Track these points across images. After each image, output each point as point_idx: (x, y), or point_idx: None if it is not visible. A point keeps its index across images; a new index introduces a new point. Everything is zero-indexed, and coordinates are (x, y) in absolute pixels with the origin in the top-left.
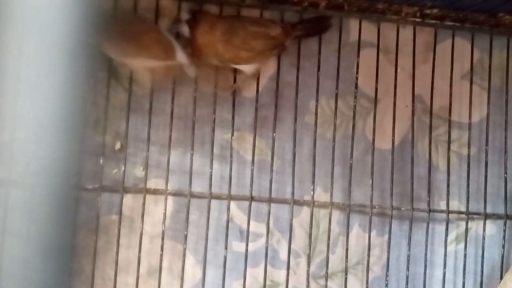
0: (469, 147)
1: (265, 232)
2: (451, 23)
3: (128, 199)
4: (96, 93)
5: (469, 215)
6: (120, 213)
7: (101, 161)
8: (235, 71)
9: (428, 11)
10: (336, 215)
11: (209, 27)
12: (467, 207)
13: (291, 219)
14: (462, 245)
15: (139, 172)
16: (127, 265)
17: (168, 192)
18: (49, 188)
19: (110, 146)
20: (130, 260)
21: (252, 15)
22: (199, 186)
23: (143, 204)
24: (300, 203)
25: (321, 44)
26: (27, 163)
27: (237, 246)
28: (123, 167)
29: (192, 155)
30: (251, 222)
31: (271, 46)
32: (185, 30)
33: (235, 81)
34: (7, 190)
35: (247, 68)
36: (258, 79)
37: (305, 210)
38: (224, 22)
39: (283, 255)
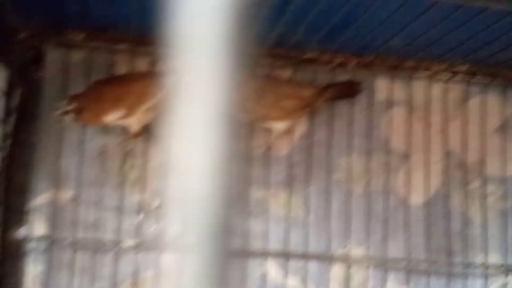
0: (506, 200)
1: (299, 286)
2: (482, 79)
3: (165, 256)
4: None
5: (508, 269)
6: (158, 269)
7: (140, 218)
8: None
9: (458, 68)
10: (371, 269)
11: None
12: (505, 260)
13: (328, 273)
14: None
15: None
16: None
17: None
18: (208, 251)
19: (148, 203)
20: None
21: (284, 75)
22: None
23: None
24: (334, 258)
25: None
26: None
27: None
28: (161, 224)
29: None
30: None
31: (302, 106)
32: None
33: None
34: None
35: (277, 126)
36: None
37: (338, 264)
38: (256, 81)
39: None
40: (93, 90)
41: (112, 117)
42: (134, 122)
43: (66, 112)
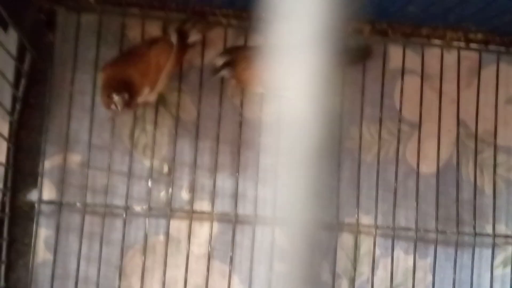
0: None
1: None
2: (496, 48)
3: (175, 221)
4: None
5: None
6: (167, 234)
7: (150, 184)
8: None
9: (472, 36)
10: (378, 238)
11: (246, 63)
12: None
13: (336, 242)
14: (508, 269)
15: (185, 194)
16: (174, 284)
17: (214, 214)
18: (302, 226)
19: (158, 169)
20: (177, 279)
21: None
22: (243, 209)
23: (190, 226)
24: (343, 226)
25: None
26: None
27: (281, 267)
28: (170, 190)
29: (237, 178)
30: None
31: None
32: (225, 74)
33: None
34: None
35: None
36: None
37: (347, 233)
38: (259, 53)
39: (325, 276)
40: (121, 74)
41: (142, 99)
42: (153, 94)
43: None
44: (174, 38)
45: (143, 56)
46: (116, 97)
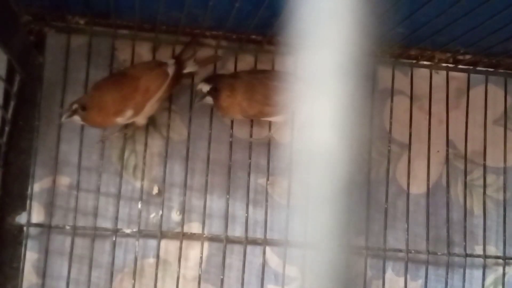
0: (504, 192)
1: (298, 275)
2: (484, 69)
3: (165, 243)
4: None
5: (506, 260)
6: (157, 256)
7: (140, 205)
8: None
9: (460, 57)
10: (369, 259)
11: (229, 91)
12: (504, 251)
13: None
14: None
15: (176, 216)
16: None
17: (204, 236)
18: (335, 250)
19: (148, 191)
20: None
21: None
22: (234, 230)
23: (180, 248)
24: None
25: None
26: (315, 227)
27: None
28: (160, 212)
29: (228, 199)
30: (285, 266)
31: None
32: (208, 100)
33: (269, 129)
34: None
35: (275, 120)
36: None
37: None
38: (243, 82)
39: None
40: (98, 93)
41: (122, 119)
42: (141, 118)
43: (73, 113)
44: (171, 69)
45: (133, 80)
46: (74, 105)
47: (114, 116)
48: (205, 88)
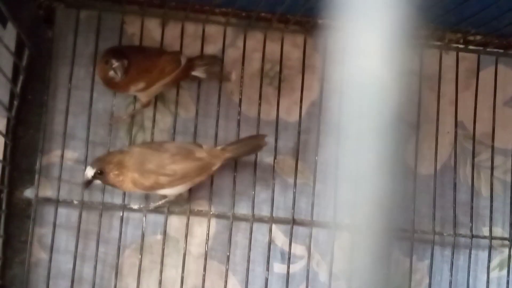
0: None
1: (305, 254)
2: (494, 50)
3: (172, 220)
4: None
5: None
6: (164, 233)
7: None
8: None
9: (471, 38)
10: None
11: (117, 169)
12: (510, 233)
13: (333, 242)
14: (505, 271)
15: (184, 193)
16: (171, 284)
17: (211, 213)
18: (372, 231)
19: None
20: (174, 279)
21: None
22: (241, 208)
23: (187, 225)
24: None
25: None
26: (353, 208)
27: (278, 267)
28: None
29: (235, 177)
30: (292, 244)
31: (197, 169)
32: (97, 182)
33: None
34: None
35: (171, 192)
36: (300, 106)
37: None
38: (133, 155)
39: (323, 277)
40: (132, 56)
41: (134, 88)
42: (146, 95)
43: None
44: (184, 60)
45: (153, 57)
46: (116, 63)
47: (131, 83)
48: (90, 173)
